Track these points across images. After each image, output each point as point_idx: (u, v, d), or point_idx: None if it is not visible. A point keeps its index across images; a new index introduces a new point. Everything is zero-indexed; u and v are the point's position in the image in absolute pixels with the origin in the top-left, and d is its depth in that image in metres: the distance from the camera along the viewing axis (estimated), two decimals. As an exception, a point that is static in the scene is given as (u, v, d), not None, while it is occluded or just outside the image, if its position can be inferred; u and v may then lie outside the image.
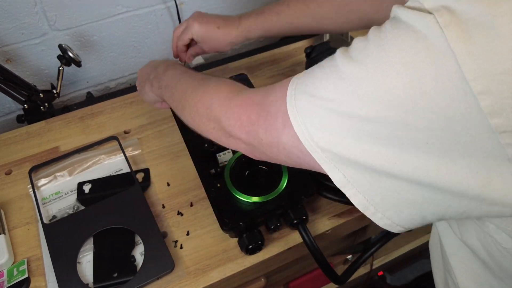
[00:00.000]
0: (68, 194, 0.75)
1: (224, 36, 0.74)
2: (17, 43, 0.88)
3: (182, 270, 0.66)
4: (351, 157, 0.37)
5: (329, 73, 0.38)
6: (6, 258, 0.66)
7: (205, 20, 0.75)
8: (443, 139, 0.31)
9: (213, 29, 0.74)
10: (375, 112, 0.33)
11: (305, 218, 0.68)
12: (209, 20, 0.75)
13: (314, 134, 0.38)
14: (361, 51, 0.35)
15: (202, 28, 0.74)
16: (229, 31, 0.74)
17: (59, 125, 0.88)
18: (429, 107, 0.30)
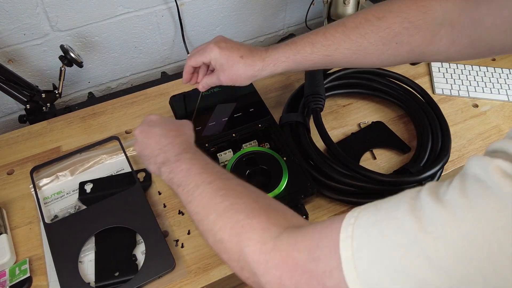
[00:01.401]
0: (69, 194, 0.76)
1: (246, 67, 0.64)
2: (19, 44, 0.89)
3: (183, 269, 0.66)
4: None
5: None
6: (8, 257, 0.66)
7: (228, 46, 0.65)
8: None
9: (235, 58, 0.64)
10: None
11: (305, 217, 0.68)
12: (232, 47, 0.65)
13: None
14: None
15: (223, 54, 0.64)
16: (253, 62, 0.64)
17: (61, 125, 0.88)
18: None
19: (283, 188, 0.69)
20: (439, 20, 0.57)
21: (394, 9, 0.59)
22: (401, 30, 0.59)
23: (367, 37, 0.60)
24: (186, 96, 0.85)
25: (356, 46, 0.61)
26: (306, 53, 0.63)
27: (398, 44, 0.60)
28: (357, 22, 0.61)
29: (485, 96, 0.92)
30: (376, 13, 0.60)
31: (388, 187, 0.71)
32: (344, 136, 0.85)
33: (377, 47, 0.61)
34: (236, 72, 0.64)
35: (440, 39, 0.58)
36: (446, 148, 0.76)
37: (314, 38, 0.63)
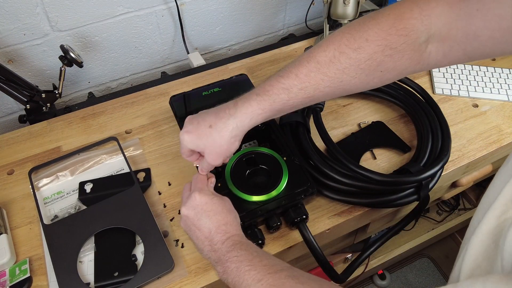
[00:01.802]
0: (69, 194, 0.76)
1: (220, 133, 0.58)
2: (19, 44, 0.89)
3: (183, 269, 0.66)
4: None
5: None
6: (8, 257, 0.66)
7: (194, 126, 0.60)
8: None
9: (205, 131, 0.59)
10: None
11: (305, 217, 0.68)
12: (199, 123, 0.60)
13: None
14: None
15: (193, 136, 0.60)
16: (224, 124, 0.58)
17: (61, 125, 0.88)
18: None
19: (283, 188, 0.69)
20: (424, 38, 0.52)
21: (370, 37, 0.53)
22: (383, 58, 0.53)
23: (347, 71, 0.55)
24: (186, 96, 0.85)
25: (336, 82, 0.56)
26: (283, 100, 0.57)
27: (383, 72, 0.55)
28: (330, 56, 0.55)
29: (485, 96, 0.92)
30: (350, 43, 0.54)
31: (388, 187, 0.71)
32: (344, 136, 0.85)
33: (361, 79, 0.56)
34: (214, 143, 0.59)
35: (429, 55, 0.54)
36: (446, 148, 0.76)
37: (287, 82, 0.57)
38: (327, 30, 1.03)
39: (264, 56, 1.04)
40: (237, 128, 0.58)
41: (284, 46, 1.07)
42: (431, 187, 0.74)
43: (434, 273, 1.59)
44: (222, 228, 0.58)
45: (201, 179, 0.64)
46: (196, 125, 0.60)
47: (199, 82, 0.97)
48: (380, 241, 0.75)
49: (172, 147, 0.83)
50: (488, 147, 0.83)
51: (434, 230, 1.45)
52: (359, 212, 0.73)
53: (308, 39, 1.09)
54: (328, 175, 0.72)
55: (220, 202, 0.60)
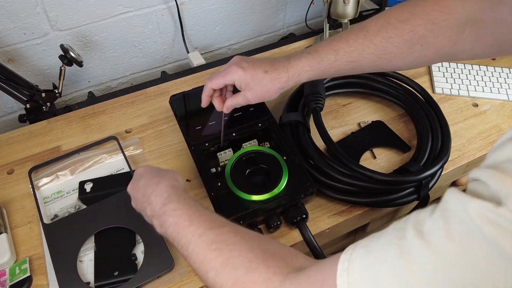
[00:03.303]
0: (69, 193, 0.76)
1: (272, 81, 0.63)
2: (18, 43, 0.89)
3: (183, 268, 0.66)
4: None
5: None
6: (8, 256, 0.66)
7: (250, 65, 0.64)
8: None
9: (260, 74, 0.63)
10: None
11: (305, 217, 0.68)
12: (254, 64, 0.64)
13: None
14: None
15: (248, 73, 0.63)
16: (278, 75, 0.63)
17: (60, 124, 0.88)
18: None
19: (283, 187, 0.69)
20: (463, 19, 0.57)
21: (417, 11, 0.58)
22: (425, 32, 0.58)
23: (391, 40, 0.59)
24: (186, 96, 0.85)
25: (380, 51, 0.60)
26: (330, 61, 0.62)
27: (423, 47, 0.59)
28: (379, 26, 0.60)
29: (485, 96, 0.92)
30: (398, 16, 0.59)
31: (388, 186, 0.71)
32: (344, 136, 0.85)
33: (402, 50, 0.60)
34: (263, 88, 0.64)
35: (465, 38, 0.58)
36: (446, 148, 0.76)
37: (337, 44, 0.62)
38: (327, 29, 1.03)
39: (264, 55, 1.04)
40: (287, 81, 0.64)
41: (284, 46, 1.07)
42: (431, 187, 0.74)
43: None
44: (155, 181, 0.58)
45: None
46: (252, 65, 0.64)
47: (199, 81, 0.97)
48: (380, 241, 0.75)
49: (172, 146, 0.83)
50: (488, 147, 0.83)
51: (434, 229, 1.45)
52: (359, 211, 0.73)
53: (308, 39, 1.09)
54: (328, 175, 0.72)
55: (163, 169, 0.63)
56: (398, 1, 1.02)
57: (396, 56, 0.60)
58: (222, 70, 0.66)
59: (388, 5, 1.03)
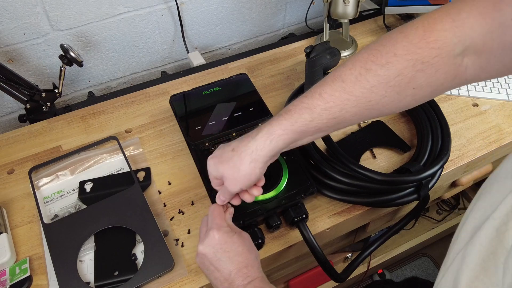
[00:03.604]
0: (69, 193, 0.76)
1: (239, 156, 0.56)
2: (19, 43, 0.89)
3: (183, 268, 0.66)
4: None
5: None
6: (8, 256, 0.66)
7: (220, 149, 0.59)
8: None
9: (226, 155, 0.57)
10: None
11: (305, 217, 0.68)
12: (224, 147, 0.59)
13: None
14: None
15: (215, 159, 0.59)
16: (244, 147, 0.56)
17: (61, 124, 0.88)
18: None
19: (283, 187, 0.69)
20: (459, 50, 0.48)
21: (398, 51, 0.49)
22: (414, 73, 0.49)
23: (375, 90, 0.50)
24: (186, 95, 0.85)
25: (364, 102, 0.51)
26: (306, 121, 0.53)
27: (416, 90, 0.50)
28: (356, 74, 0.51)
29: (485, 96, 0.92)
30: (377, 59, 0.50)
31: (388, 186, 0.71)
32: (344, 135, 0.85)
33: (391, 98, 0.51)
34: (234, 168, 0.56)
35: (466, 69, 0.49)
36: (446, 148, 0.76)
37: (310, 102, 0.53)
38: (327, 29, 1.03)
39: (264, 55, 1.04)
40: (256, 151, 0.55)
41: (284, 46, 1.07)
42: (431, 187, 0.74)
43: (434, 272, 1.59)
44: (243, 271, 0.54)
45: (219, 212, 0.60)
46: (221, 150, 0.59)
47: (199, 81, 0.97)
48: (380, 241, 0.75)
49: (172, 146, 0.83)
50: (488, 147, 0.83)
51: (434, 229, 1.46)
52: (359, 211, 0.73)
53: (308, 39, 1.09)
54: (328, 175, 0.72)
55: (240, 241, 0.57)
56: (399, 1, 1.02)
57: (385, 104, 0.52)
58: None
59: (388, 5, 1.02)
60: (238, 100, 0.84)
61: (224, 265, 0.55)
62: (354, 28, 1.11)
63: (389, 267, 1.58)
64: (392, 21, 1.13)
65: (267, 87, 0.95)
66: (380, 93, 0.50)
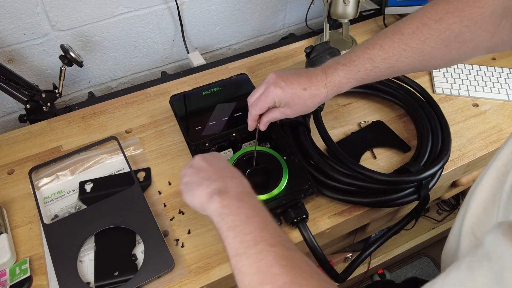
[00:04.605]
0: (70, 193, 0.76)
1: (312, 98, 0.64)
2: (19, 44, 0.89)
3: (183, 268, 0.66)
4: None
5: None
6: (9, 257, 0.66)
7: (288, 83, 0.63)
8: None
9: (299, 92, 0.63)
10: None
11: (305, 217, 0.68)
12: (292, 82, 0.63)
13: None
14: None
15: (286, 92, 0.63)
16: (317, 91, 0.63)
17: (61, 124, 0.88)
18: None
19: (283, 187, 0.69)
20: (499, 11, 0.55)
21: (450, 9, 0.57)
22: (462, 29, 0.57)
23: (428, 42, 0.58)
24: (186, 96, 0.85)
25: (418, 53, 0.60)
26: (367, 70, 0.62)
27: (461, 43, 0.58)
28: (413, 28, 0.59)
29: (485, 96, 0.92)
30: (432, 15, 0.58)
31: (388, 186, 0.71)
32: (344, 136, 0.85)
33: (440, 49, 0.59)
34: (303, 104, 0.64)
35: (503, 29, 0.56)
36: (446, 148, 0.76)
37: (372, 52, 0.61)
38: (327, 29, 1.03)
39: (264, 55, 1.04)
40: (326, 96, 0.64)
41: (284, 46, 1.07)
42: (431, 187, 0.74)
43: (434, 273, 1.59)
44: (237, 173, 0.58)
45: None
46: (290, 84, 0.63)
47: (199, 81, 0.97)
48: (380, 241, 0.75)
49: (172, 146, 0.83)
50: (488, 147, 0.83)
51: (434, 229, 1.45)
52: (359, 211, 0.73)
53: (308, 39, 1.09)
54: (328, 175, 0.72)
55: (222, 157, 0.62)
56: (399, 1, 1.02)
57: (434, 56, 0.60)
58: (260, 92, 0.65)
59: (388, 5, 1.02)
60: (238, 100, 0.84)
61: (220, 164, 0.58)
62: (354, 28, 1.11)
63: (389, 267, 1.58)
64: (392, 21, 1.13)
65: (267, 87, 0.95)
66: (431, 45, 0.58)
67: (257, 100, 0.66)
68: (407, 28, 0.59)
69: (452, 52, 0.60)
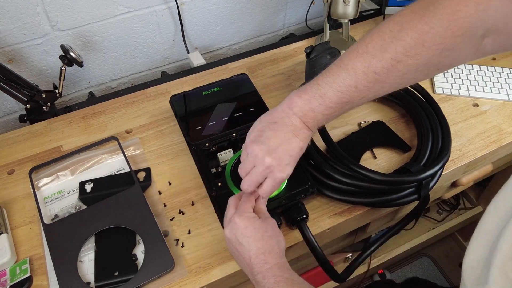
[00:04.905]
0: (70, 193, 0.76)
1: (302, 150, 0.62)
2: (19, 44, 0.89)
3: (183, 268, 0.66)
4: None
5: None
6: (9, 257, 0.66)
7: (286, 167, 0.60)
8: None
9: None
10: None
11: (305, 217, 0.68)
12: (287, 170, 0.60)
13: None
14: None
15: (286, 175, 0.60)
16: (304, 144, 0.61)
17: (61, 124, 0.88)
18: None
19: (283, 187, 0.69)
20: (481, 32, 0.52)
21: (426, 43, 0.53)
22: (441, 59, 0.54)
23: (406, 76, 0.56)
24: (186, 96, 0.85)
25: (396, 85, 0.58)
26: (345, 109, 0.59)
27: (440, 69, 0.58)
28: (387, 66, 0.55)
29: (486, 96, 0.92)
30: (406, 51, 0.54)
31: (389, 186, 0.71)
32: (344, 136, 0.85)
33: (419, 78, 0.58)
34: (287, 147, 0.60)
35: (485, 46, 0.54)
36: (446, 148, 0.76)
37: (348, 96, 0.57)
38: (327, 29, 1.03)
39: (264, 55, 1.04)
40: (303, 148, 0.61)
41: (284, 46, 1.07)
42: (431, 187, 0.74)
43: (434, 273, 1.59)
44: (261, 258, 0.56)
45: (250, 199, 0.61)
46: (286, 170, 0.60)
47: (199, 81, 0.97)
48: (380, 241, 0.75)
49: (172, 146, 0.83)
50: (488, 147, 0.83)
51: (435, 229, 1.45)
52: (359, 211, 0.73)
53: (308, 39, 1.09)
54: (328, 175, 0.72)
55: (261, 227, 0.58)
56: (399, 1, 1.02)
57: (414, 81, 0.59)
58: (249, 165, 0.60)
59: (388, 5, 1.02)
60: (238, 100, 0.84)
61: (245, 249, 0.57)
62: (354, 28, 1.11)
63: (390, 267, 1.58)
64: (392, 21, 1.13)
65: (267, 87, 0.95)
66: (409, 77, 0.57)
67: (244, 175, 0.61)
68: (380, 67, 0.55)
69: (432, 73, 0.59)
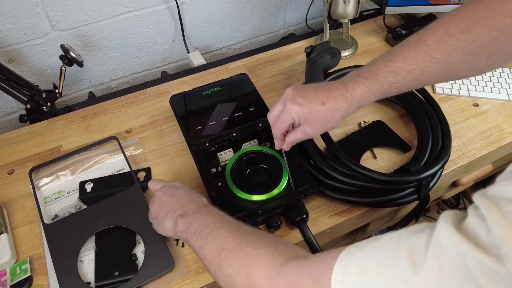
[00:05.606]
0: (70, 193, 0.76)
1: (332, 112, 0.60)
2: (19, 44, 0.89)
3: (183, 268, 0.66)
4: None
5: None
6: (9, 256, 0.66)
7: (305, 99, 0.61)
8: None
9: (317, 108, 0.60)
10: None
11: (305, 217, 0.68)
12: (309, 97, 0.61)
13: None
14: None
15: (304, 108, 0.60)
16: (336, 105, 0.60)
17: (61, 124, 0.88)
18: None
19: (284, 187, 0.69)
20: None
21: (478, 18, 0.53)
22: (490, 39, 0.53)
23: (454, 53, 0.55)
24: (186, 96, 0.85)
25: (443, 64, 0.56)
26: (391, 83, 0.59)
27: (490, 54, 0.55)
28: (438, 38, 0.55)
29: (486, 96, 0.92)
30: (458, 25, 0.54)
31: (389, 186, 0.71)
32: (345, 135, 0.85)
33: (468, 61, 0.56)
34: (323, 120, 0.61)
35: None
36: (446, 148, 0.76)
37: (395, 65, 0.58)
38: (327, 29, 1.03)
39: (264, 55, 1.04)
40: (347, 110, 0.61)
41: (284, 46, 1.07)
42: (431, 187, 0.74)
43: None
44: (194, 195, 0.62)
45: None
46: (307, 100, 0.61)
47: (200, 81, 0.97)
48: (380, 241, 0.75)
49: (172, 146, 0.83)
50: (489, 147, 0.83)
51: (435, 229, 1.45)
52: (359, 211, 0.73)
53: (308, 39, 1.09)
54: (329, 175, 0.72)
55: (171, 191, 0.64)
56: (399, 1, 1.02)
57: (461, 67, 0.57)
58: (278, 110, 0.64)
59: (388, 5, 1.02)
60: (238, 100, 0.84)
61: (178, 193, 0.62)
62: (354, 28, 1.11)
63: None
64: (392, 21, 1.13)
65: (268, 87, 0.95)
66: (458, 56, 0.55)
67: (277, 120, 0.64)
68: (431, 39, 0.56)
69: (480, 62, 0.56)
